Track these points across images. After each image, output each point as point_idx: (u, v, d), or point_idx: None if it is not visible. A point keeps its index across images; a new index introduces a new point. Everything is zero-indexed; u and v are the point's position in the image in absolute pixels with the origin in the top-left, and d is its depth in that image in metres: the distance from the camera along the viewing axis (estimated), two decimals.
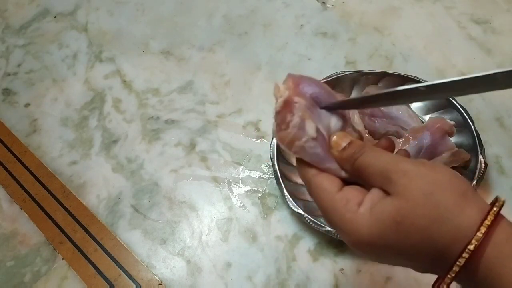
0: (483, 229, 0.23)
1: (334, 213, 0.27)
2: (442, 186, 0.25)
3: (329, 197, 0.27)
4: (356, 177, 0.28)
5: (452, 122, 0.50)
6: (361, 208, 0.26)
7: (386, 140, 0.31)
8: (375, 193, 0.26)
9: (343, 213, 0.26)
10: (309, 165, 0.29)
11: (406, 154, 0.31)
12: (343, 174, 0.29)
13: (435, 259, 0.25)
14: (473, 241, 0.23)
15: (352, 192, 0.27)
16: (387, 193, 0.26)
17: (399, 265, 0.27)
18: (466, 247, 0.23)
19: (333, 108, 0.31)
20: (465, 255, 0.23)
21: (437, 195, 0.24)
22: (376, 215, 0.25)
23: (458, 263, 0.23)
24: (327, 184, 0.28)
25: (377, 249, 0.26)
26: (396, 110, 0.52)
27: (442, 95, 0.26)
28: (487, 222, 0.23)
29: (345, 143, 0.29)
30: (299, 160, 0.30)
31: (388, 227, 0.25)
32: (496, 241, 0.23)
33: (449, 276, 0.24)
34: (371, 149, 0.28)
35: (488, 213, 0.24)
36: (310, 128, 0.29)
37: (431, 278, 0.26)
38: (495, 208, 0.24)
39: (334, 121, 0.31)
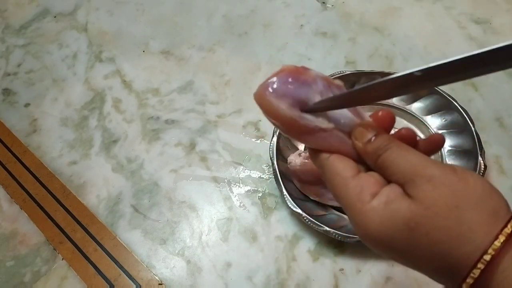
0: (501, 238, 0.21)
1: (347, 201, 0.25)
2: (470, 201, 0.22)
3: (343, 183, 0.25)
4: (377, 171, 0.26)
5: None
6: (374, 201, 0.24)
7: (405, 130, 0.27)
8: (394, 189, 0.24)
9: (354, 202, 0.24)
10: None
11: (441, 139, 0.28)
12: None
13: (444, 272, 0.23)
14: (489, 251, 0.21)
15: (368, 181, 0.25)
16: (407, 194, 0.24)
17: (404, 265, 0.26)
18: (481, 256, 0.21)
19: (319, 110, 0.27)
20: (480, 265, 0.21)
21: (463, 211, 0.22)
22: (390, 213, 0.23)
23: (472, 274, 0.21)
24: (341, 168, 0.26)
25: (383, 247, 0.24)
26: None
27: (441, 80, 0.22)
28: (507, 230, 0.21)
29: (371, 135, 0.26)
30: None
31: (399, 230, 0.23)
32: None
33: None
34: (398, 146, 0.25)
35: (509, 222, 0.21)
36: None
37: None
38: None
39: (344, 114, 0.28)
